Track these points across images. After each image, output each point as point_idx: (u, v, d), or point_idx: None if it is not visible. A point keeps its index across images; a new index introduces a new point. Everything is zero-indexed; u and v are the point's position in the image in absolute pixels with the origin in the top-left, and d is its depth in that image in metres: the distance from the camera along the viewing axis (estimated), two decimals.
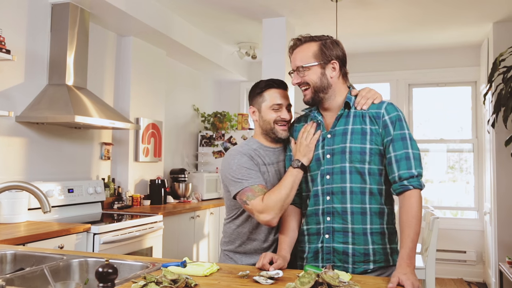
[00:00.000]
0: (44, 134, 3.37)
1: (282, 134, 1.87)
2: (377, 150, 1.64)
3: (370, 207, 1.63)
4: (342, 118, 1.70)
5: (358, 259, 1.63)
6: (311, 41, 1.72)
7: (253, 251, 1.91)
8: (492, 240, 4.48)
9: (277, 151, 1.92)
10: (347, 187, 1.64)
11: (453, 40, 5.09)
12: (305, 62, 1.70)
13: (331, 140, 1.69)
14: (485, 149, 4.98)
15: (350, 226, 1.63)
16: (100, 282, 1.10)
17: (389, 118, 1.64)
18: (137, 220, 3.30)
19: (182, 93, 5.44)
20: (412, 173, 1.57)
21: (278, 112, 1.86)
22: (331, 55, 1.70)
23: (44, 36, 3.36)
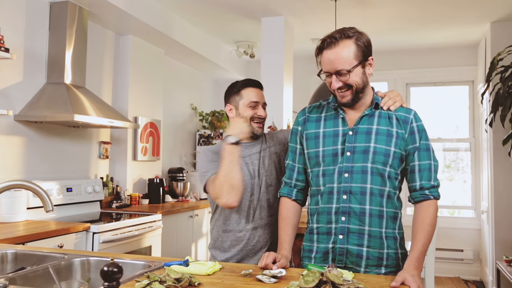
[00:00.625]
0: (43, 133, 3.36)
1: (258, 131, 1.98)
2: (399, 154, 1.61)
3: (387, 211, 1.61)
4: (366, 117, 1.64)
5: (372, 262, 1.59)
6: (345, 38, 1.56)
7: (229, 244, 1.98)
8: (489, 239, 4.51)
9: (249, 146, 2.02)
10: (367, 188, 1.59)
11: (451, 40, 5.11)
12: (348, 64, 1.55)
13: (353, 138, 1.61)
14: (482, 148, 5.00)
15: (367, 228, 1.58)
16: (105, 281, 1.10)
17: (416, 126, 1.62)
18: (136, 219, 3.30)
19: (180, 92, 5.44)
20: (433, 184, 1.59)
21: (255, 110, 1.97)
22: (368, 51, 1.60)
23: (43, 35, 3.34)
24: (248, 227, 1.96)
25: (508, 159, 4.22)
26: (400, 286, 1.37)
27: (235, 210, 1.97)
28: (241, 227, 1.97)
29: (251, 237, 1.96)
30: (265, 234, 1.97)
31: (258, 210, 1.97)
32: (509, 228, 4.28)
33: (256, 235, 1.96)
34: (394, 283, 1.36)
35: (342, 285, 1.23)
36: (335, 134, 1.65)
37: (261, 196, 1.98)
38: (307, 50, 5.44)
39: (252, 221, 1.96)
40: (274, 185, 2.00)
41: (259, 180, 1.98)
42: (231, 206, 1.84)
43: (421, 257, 1.52)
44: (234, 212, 1.97)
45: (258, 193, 1.98)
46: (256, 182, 1.97)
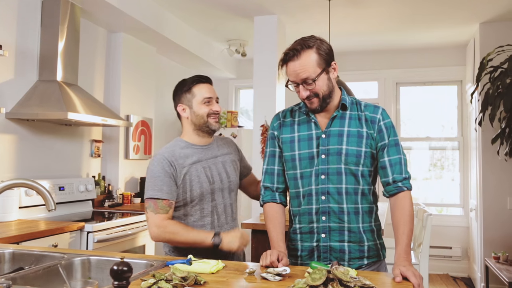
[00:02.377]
0: (34, 131, 3.32)
1: (215, 126, 1.93)
2: (370, 153, 1.68)
3: (362, 207, 1.69)
4: (337, 119, 1.70)
5: (354, 255, 1.67)
6: (307, 48, 1.61)
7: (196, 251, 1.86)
8: (478, 236, 4.58)
9: (205, 149, 1.95)
10: (343, 188, 1.67)
11: (440, 40, 5.17)
12: (313, 73, 1.60)
13: (326, 140, 1.68)
14: (471, 147, 5.08)
15: (347, 225, 1.67)
16: (115, 280, 1.10)
17: (384, 124, 1.69)
18: (130, 218, 3.27)
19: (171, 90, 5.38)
20: (404, 176, 1.66)
21: (210, 105, 1.92)
22: (329, 57, 1.65)
23: (34, 32, 3.30)
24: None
25: (496, 158, 4.30)
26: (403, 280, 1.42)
27: (197, 217, 1.90)
28: None
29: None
30: None
31: (223, 215, 1.94)
32: (497, 226, 4.35)
33: None
34: (398, 278, 1.42)
35: (349, 282, 1.24)
36: (309, 138, 1.72)
37: (225, 201, 1.96)
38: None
39: (218, 226, 1.92)
40: (235, 191, 2.02)
41: (221, 184, 1.93)
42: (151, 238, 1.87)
43: (407, 248, 1.58)
44: (197, 220, 1.89)
45: (221, 198, 1.94)
46: (217, 187, 1.92)
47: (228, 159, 2.01)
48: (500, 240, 4.32)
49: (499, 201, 4.38)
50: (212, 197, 1.92)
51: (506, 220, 4.33)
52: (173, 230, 1.80)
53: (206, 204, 1.91)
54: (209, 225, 1.92)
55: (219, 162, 1.97)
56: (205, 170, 1.91)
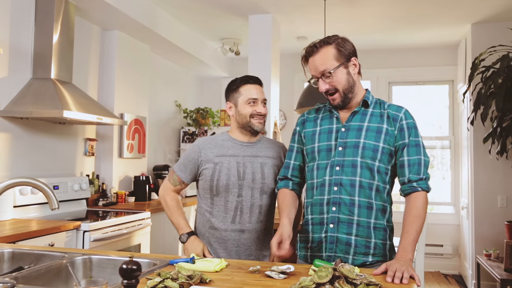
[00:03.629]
0: (28, 129, 3.28)
1: (258, 127, 1.97)
2: (388, 150, 1.69)
3: (376, 203, 1.69)
4: (358, 115, 1.74)
5: (360, 250, 1.67)
6: (326, 45, 1.71)
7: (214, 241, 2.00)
8: (469, 234, 4.64)
9: (245, 146, 2.00)
10: (357, 180, 1.68)
11: (432, 40, 5.22)
12: (330, 66, 1.69)
13: (345, 134, 1.72)
14: (462, 145, 5.14)
15: (356, 218, 1.67)
16: (124, 279, 1.09)
17: (406, 123, 1.70)
18: (126, 217, 3.26)
19: (164, 89, 5.39)
20: (421, 177, 1.66)
21: (254, 106, 1.95)
22: (349, 52, 1.72)
23: (28, 29, 3.26)
24: (233, 228, 1.95)
25: (488, 157, 4.36)
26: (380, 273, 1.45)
27: (222, 208, 1.96)
28: (226, 227, 1.95)
29: (236, 239, 1.94)
30: (251, 238, 1.96)
31: (248, 213, 1.95)
32: (489, 224, 4.41)
33: (242, 237, 1.95)
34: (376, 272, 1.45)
35: (355, 280, 1.25)
36: (330, 131, 1.76)
37: (254, 201, 1.96)
38: (292, 48, 5.48)
39: (239, 222, 1.95)
40: (269, 194, 2.00)
41: (252, 183, 1.96)
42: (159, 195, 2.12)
43: (408, 247, 1.57)
44: (221, 210, 1.96)
45: (250, 196, 1.96)
46: (246, 184, 1.95)
47: (269, 162, 2.01)
48: (491, 237, 4.38)
49: (490, 199, 4.44)
50: (239, 193, 1.95)
51: (497, 218, 4.39)
52: (167, 202, 2.06)
53: (231, 197, 1.95)
54: (230, 218, 1.95)
55: (257, 162, 1.99)
56: (238, 165, 1.96)
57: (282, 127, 5.84)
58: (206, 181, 1.97)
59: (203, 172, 1.98)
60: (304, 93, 3.62)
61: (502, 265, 3.74)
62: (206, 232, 2.00)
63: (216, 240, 1.97)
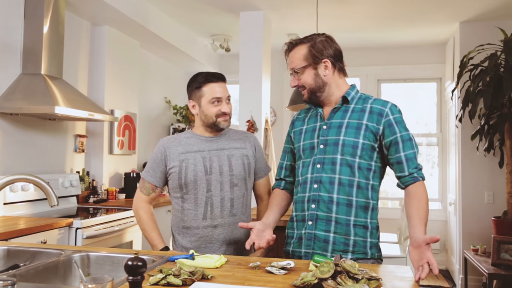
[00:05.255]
0: (18, 125, 3.24)
1: (225, 125, 1.94)
2: (369, 146, 1.69)
3: (357, 200, 1.70)
4: (339, 112, 1.75)
5: (338, 247, 1.68)
6: (301, 43, 1.75)
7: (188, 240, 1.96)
8: (456, 230, 4.72)
9: (209, 140, 1.96)
10: (336, 178, 1.69)
11: (421, 38, 5.28)
12: (297, 65, 1.75)
13: (326, 131, 1.74)
14: (450, 142, 5.21)
15: (334, 216, 1.69)
16: (129, 275, 1.09)
17: (393, 118, 1.69)
18: (118, 214, 3.24)
19: (154, 85, 5.35)
20: (419, 167, 1.69)
21: (219, 106, 1.90)
22: (320, 54, 1.72)
23: (17, 24, 3.21)
24: (205, 224, 1.90)
25: (475, 153, 4.43)
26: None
27: (192, 206, 1.91)
28: (197, 224, 1.90)
29: (209, 235, 1.91)
30: (224, 233, 1.92)
31: (219, 208, 1.91)
32: (476, 219, 4.49)
33: (214, 233, 1.91)
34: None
35: (357, 274, 1.27)
36: (313, 129, 1.80)
37: (224, 194, 1.92)
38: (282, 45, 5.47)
39: (210, 218, 1.90)
40: (239, 186, 1.96)
41: (220, 177, 1.91)
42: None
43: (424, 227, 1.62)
44: (191, 208, 1.92)
45: (219, 190, 1.91)
46: (214, 178, 1.91)
47: (237, 153, 1.97)
48: (478, 233, 4.46)
49: (477, 195, 4.52)
50: (208, 188, 1.91)
51: (484, 213, 4.46)
52: (141, 216, 2.00)
53: (200, 193, 1.91)
54: (201, 215, 1.90)
55: (224, 154, 1.95)
56: (204, 160, 1.92)
57: (272, 124, 5.85)
58: (175, 180, 1.92)
59: (170, 171, 1.92)
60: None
61: (489, 260, 3.81)
62: (180, 232, 1.96)
63: (190, 240, 1.92)
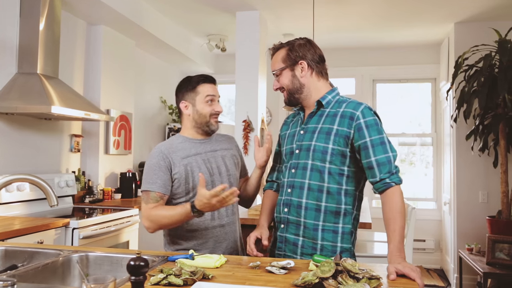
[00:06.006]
0: (13, 125, 3.22)
1: (215, 126, 1.98)
2: (338, 151, 1.66)
3: (326, 205, 1.69)
4: (316, 116, 1.76)
5: (306, 251, 1.71)
6: (281, 47, 1.81)
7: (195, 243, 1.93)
8: (451, 229, 4.75)
9: (203, 143, 1.98)
10: (305, 183, 1.72)
11: (416, 38, 5.31)
12: (276, 67, 1.80)
13: (302, 136, 1.77)
14: (444, 142, 5.24)
15: (303, 220, 1.72)
16: (132, 275, 1.09)
17: (364, 122, 1.64)
18: (115, 214, 3.23)
19: (150, 85, 5.34)
20: (392, 171, 1.62)
21: (213, 105, 1.95)
22: (297, 57, 1.75)
23: (13, 23, 3.19)
24: (214, 224, 1.92)
25: (470, 153, 4.46)
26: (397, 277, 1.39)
27: None
28: (206, 225, 1.91)
29: (218, 235, 1.92)
30: (231, 231, 1.97)
31: (224, 207, 1.92)
32: (470, 219, 4.52)
33: (223, 232, 1.94)
34: (392, 276, 1.39)
35: (358, 274, 1.28)
36: (294, 134, 1.83)
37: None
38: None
39: (218, 217, 1.93)
40: (235, 185, 2.00)
41: (220, 177, 1.95)
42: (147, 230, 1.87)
43: (400, 245, 1.55)
44: None
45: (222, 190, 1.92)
46: (216, 179, 1.93)
47: (228, 154, 2.03)
48: (472, 232, 4.49)
49: (471, 195, 4.55)
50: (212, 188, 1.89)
51: (478, 213, 4.50)
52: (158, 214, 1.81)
53: None
54: (209, 216, 1.91)
55: (218, 155, 1.99)
56: (205, 162, 1.94)
57: (267, 124, 5.85)
58: (181, 185, 1.89)
59: (175, 177, 1.89)
60: None
61: (484, 259, 3.84)
62: (183, 237, 1.92)
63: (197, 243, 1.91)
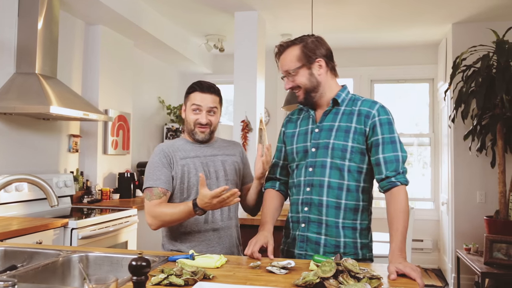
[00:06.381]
0: (11, 125, 3.21)
1: (200, 136, 1.94)
2: (358, 148, 1.69)
3: (346, 203, 1.70)
4: (330, 114, 1.76)
5: (329, 249, 1.70)
6: (292, 45, 1.76)
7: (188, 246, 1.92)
8: (449, 229, 4.76)
9: (203, 147, 1.98)
10: (325, 181, 1.71)
11: (414, 39, 5.32)
12: (292, 66, 1.74)
13: (318, 135, 1.75)
14: (442, 143, 5.26)
15: (324, 218, 1.71)
16: (134, 275, 1.09)
17: (379, 120, 1.69)
18: (114, 214, 3.23)
19: (148, 85, 5.33)
20: (398, 171, 1.64)
21: (197, 115, 1.91)
22: (314, 54, 1.74)
23: (11, 22, 3.18)
24: (207, 228, 1.92)
25: (468, 153, 4.47)
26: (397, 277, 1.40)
27: None
28: (199, 228, 1.91)
29: (211, 239, 1.92)
30: (225, 236, 1.95)
31: (218, 212, 1.93)
32: (468, 219, 4.53)
33: (216, 236, 1.93)
34: (393, 276, 1.40)
35: (359, 274, 1.28)
36: (306, 132, 1.81)
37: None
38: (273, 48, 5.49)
39: (212, 221, 1.92)
40: None
41: (217, 182, 1.94)
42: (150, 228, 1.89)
43: (402, 245, 1.56)
44: None
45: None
46: (213, 183, 1.93)
47: (229, 160, 2.01)
48: (470, 232, 4.50)
49: (469, 195, 4.56)
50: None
51: (476, 213, 4.51)
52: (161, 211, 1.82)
53: None
54: (203, 219, 1.91)
55: (218, 160, 1.98)
56: (203, 165, 1.94)
57: (266, 124, 5.85)
58: (177, 185, 1.92)
59: (173, 175, 1.92)
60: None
61: (481, 258, 3.85)
62: (178, 238, 1.94)
63: (190, 245, 1.92)
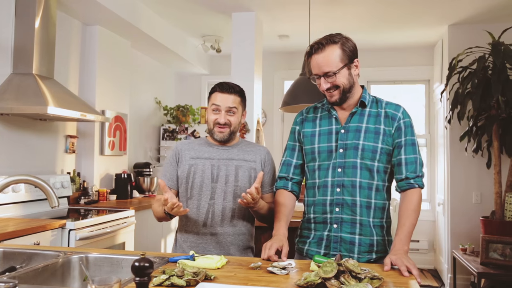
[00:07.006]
0: (8, 125, 3.20)
1: (218, 136, 1.95)
2: (386, 150, 1.74)
3: (375, 202, 1.75)
4: (356, 115, 1.78)
5: (364, 249, 1.73)
6: (332, 43, 1.71)
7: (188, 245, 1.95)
8: (445, 229, 4.78)
9: (221, 149, 1.98)
10: (357, 181, 1.73)
11: (410, 40, 5.34)
12: (334, 67, 1.69)
13: (345, 135, 1.76)
14: (438, 143, 5.28)
15: (359, 218, 1.73)
16: (136, 276, 1.09)
17: (403, 122, 1.76)
18: (111, 215, 3.22)
19: (144, 86, 5.32)
20: (418, 174, 1.73)
21: (216, 115, 1.93)
22: (353, 54, 1.75)
23: (8, 23, 3.16)
24: (204, 231, 1.92)
25: (464, 154, 4.50)
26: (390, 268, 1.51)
27: (194, 211, 1.93)
28: (197, 230, 1.92)
29: (208, 242, 1.92)
30: (223, 242, 1.92)
31: (219, 217, 1.91)
32: (464, 219, 4.56)
33: (214, 241, 1.91)
34: (386, 267, 1.49)
35: (360, 274, 1.28)
36: (329, 132, 1.80)
37: (226, 204, 1.92)
38: (273, 46, 5.51)
39: (210, 225, 1.91)
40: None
41: (225, 186, 1.92)
42: None
43: (405, 239, 1.63)
44: (193, 214, 1.93)
45: (222, 199, 1.92)
46: (219, 187, 1.92)
47: (245, 166, 1.97)
48: (466, 232, 4.52)
49: (465, 195, 4.59)
50: (212, 195, 1.92)
51: (472, 213, 4.53)
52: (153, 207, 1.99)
53: (204, 200, 1.92)
54: (202, 222, 1.92)
55: (232, 164, 1.96)
56: (213, 167, 1.94)
57: (262, 125, 5.86)
58: (182, 183, 1.95)
59: (179, 174, 1.96)
60: (289, 91, 3.64)
61: (477, 259, 3.87)
62: (182, 236, 1.97)
63: (189, 245, 1.93)
